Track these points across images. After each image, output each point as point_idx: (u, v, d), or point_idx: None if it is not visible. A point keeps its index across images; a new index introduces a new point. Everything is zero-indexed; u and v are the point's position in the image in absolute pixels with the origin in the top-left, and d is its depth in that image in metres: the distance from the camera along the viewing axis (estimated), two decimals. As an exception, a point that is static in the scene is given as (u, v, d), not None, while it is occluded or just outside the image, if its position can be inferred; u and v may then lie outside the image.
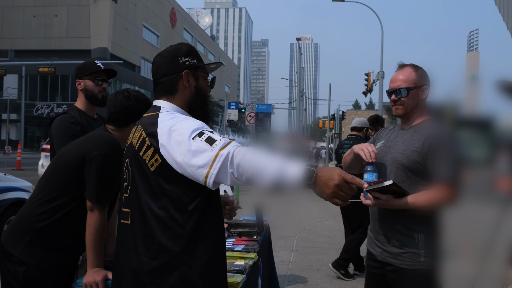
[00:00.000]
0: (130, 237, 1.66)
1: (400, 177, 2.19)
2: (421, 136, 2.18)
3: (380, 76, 25.27)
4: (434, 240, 2.18)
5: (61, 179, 2.12)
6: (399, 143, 2.27)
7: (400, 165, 2.20)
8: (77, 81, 2.80)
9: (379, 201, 2.13)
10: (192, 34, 67.38)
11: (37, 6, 43.81)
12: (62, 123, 2.68)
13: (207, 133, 1.57)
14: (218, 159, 1.50)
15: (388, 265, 2.23)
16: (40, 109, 42.98)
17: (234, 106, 25.32)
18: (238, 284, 2.11)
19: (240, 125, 61.91)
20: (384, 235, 2.25)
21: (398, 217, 2.17)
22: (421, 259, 2.15)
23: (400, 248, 2.18)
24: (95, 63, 2.82)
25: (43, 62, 33.11)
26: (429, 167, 2.13)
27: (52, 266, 2.06)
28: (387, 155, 2.28)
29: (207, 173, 1.51)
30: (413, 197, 2.10)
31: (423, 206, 2.09)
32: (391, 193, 2.11)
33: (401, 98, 2.26)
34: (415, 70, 2.28)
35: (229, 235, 3.11)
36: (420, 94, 2.26)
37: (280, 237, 7.01)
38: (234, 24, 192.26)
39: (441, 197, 2.08)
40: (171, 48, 1.83)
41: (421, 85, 2.26)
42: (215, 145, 1.52)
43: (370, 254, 2.38)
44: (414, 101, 2.26)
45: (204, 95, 1.84)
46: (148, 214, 1.62)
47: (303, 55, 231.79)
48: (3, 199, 5.43)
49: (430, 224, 2.18)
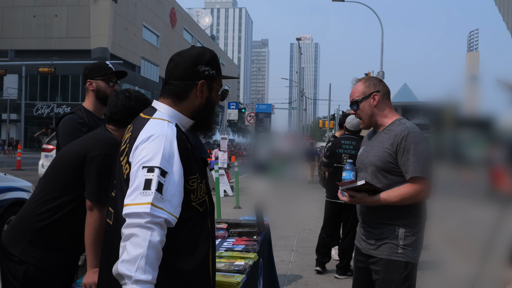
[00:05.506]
0: (113, 238, 1.64)
1: (377, 178, 2.33)
2: (390, 136, 2.31)
3: (380, 76, 25.29)
4: (414, 235, 2.30)
5: (61, 179, 2.12)
6: (374, 146, 2.39)
7: (375, 166, 2.34)
8: (87, 81, 2.79)
9: (354, 199, 2.30)
10: (192, 34, 67.37)
11: (37, 6, 43.78)
12: (69, 123, 2.68)
13: (156, 175, 1.49)
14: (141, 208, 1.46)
15: (370, 257, 2.37)
16: (40, 109, 42.97)
17: (234, 106, 25.31)
18: (238, 284, 2.12)
19: (240, 125, 61.95)
20: (368, 228, 2.40)
21: (381, 211, 2.31)
22: (398, 250, 2.27)
23: (381, 240, 2.31)
24: (107, 65, 2.82)
25: (43, 62, 33.14)
26: (400, 164, 2.25)
27: (52, 266, 2.06)
28: (367, 158, 2.41)
29: (127, 204, 1.50)
30: (385, 194, 2.25)
31: (395, 201, 2.23)
32: (366, 191, 2.27)
33: (356, 111, 2.42)
34: (364, 82, 2.43)
35: (229, 235, 3.11)
36: (372, 102, 2.38)
37: (280, 237, 7.00)
38: (234, 24, 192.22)
39: (411, 192, 2.22)
40: (195, 51, 1.74)
41: (369, 94, 2.38)
42: (147, 192, 1.48)
43: (357, 248, 2.51)
44: (368, 110, 2.40)
45: (213, 107, 1.79)
46: (122, 218, 1.58)
47: (303, 55, 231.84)
48: (3, 199, 5.43)
49: (411, 219, 2.31)
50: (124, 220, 1.51)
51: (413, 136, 2.24)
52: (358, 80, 2.48)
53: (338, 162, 5.05)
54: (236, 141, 61.99)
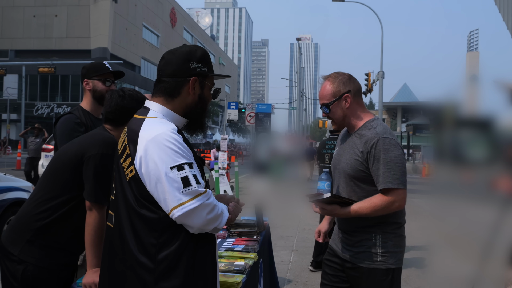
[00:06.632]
0: (113, 242, 1.64)
1: (350, 187, 2.23)
2: (361, 142, 2.19)
3: (380, 76, 25.27)
4: (392, 239, 2.22)
5: (60, 178, 2.12)
6: (346, 151, 2.28)
7: (347, 175, 2.24)
8: (84, 81, 2.79)
9: (324, 211, 2.20)
10: (192, 34, 67.37)
11: (37, 6, 43.78)
12: (66, 123, 2.68)
13: (187, 170, 1.56)
14: (193, 202, 1.54)
15: (347, 262, 2.29)
16: (40, 109, 42.97)
17: (234, 106, 25.27)
18: (238, 284, 2.11)
19: (240, 125, 61.92)
20: (346, 234, 2.31)
21: (358, 219, 2.20)
22: (378, 258, 2.19)
23: (359, 247, 2.23)
24: (104, 64, 2.81)
25: (43, 62, 33.13)
26: (371, 173, 2.15)
27: (51, 265, 2.06)
28: (339, 164, 2.31)
29: (177, 205, 1.53)
30: (357, 206, 2.14)
31: (367, 213, 2.12)
32: (337, 203, 2.16)
33: (328, 114, 2.28)
34: (332, 82, 2.25)
35: (229, 235, 3.11)
36: (343, 104, 2.24)
37: (280, 237, 7.00)
38: (234, 24, 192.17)
39: (383, 203, 2.09)
40: (186, 49, 1.75)
41: (340, 96, 2.23)
42: (190, 188, 1.54)
43: (332, 250, 2.43)
44: (340, 112, 2.26)
45: (206, 104, 1.79)
46: (124, 222, 1.59)
47: (303, 55, 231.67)
48: (3, 199, 5.44)
49: (389, 225, 2.21)
50: (124, 220, 1.54)
51: (383, 143, 2.11)
52: (326, 78, 2.29)
53: (322, 162, 5.26)
54: (236, 141, 61.95)
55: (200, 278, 1.63)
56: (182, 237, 1.58)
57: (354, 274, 2.26)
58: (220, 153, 12.54)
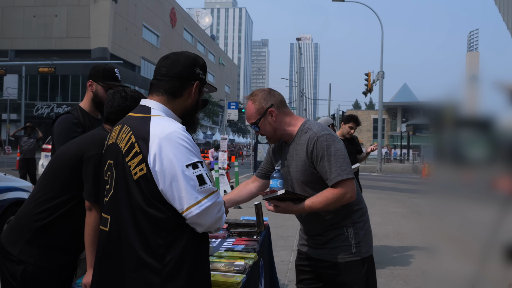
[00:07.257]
0: (109, 245, 1.62)
1: (307, 193, 2.25)
2: (303, 146, 2.24)
3: (380, 76, 25.28)
4: (362, 228, 2.28)
5: (59, 178, 2.12)
6: (292, 161, 2.31)
7: (300, 182, 2.28)
8: (89, 81, 2.77)
9: (278, 208, 2.21)
10: (192, 34, 67.37)
11: (37, 6, 43.78)
12: (64, 123, 2.67)
13: (201, 168, 1.58)
14: (207, 201, 1.56)
15: (321, 261, 2.31)
16: (40, 109, 42.95)
17: (234, 106, 25.25)
18: (238, 284, 2.11)
19: (240, 125, 61.97)
20: (316, 234, 2.34)
21: (326, 215, 2.26)
22: (352, 250, 2.24)
23: (332, 243, 2.27)
24: (114, 73, 2.79)
25: (43, 62, 33.10)
26: (319, 171, 2.19)
27: (50, 265, 2.06)
28: (289, 174, 2.33)
29: (195, 203, 1.54)
30: (309, 201, 2.18)
31: (321, 207, 2.16)
32: (291, 200, 2.19)
33: (260, 132, 2.32)
34: (254, 101, 2.29)
35: (229, 235, 3.11)
36: (270, 119, 2.28)
37: (280, 237, 7.00)
38: (234, 24, 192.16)
39: (335, 196, 2.15)
40: (191, 54, 1.79)
41: (265, 112, 2.27)
42: (205, 186, 1.57)
43: (302, 253, 2.45)
44: (269, 128, 2.30)
45: (198, 110, 1.82)
46: (126, 223, 1.57)
47: (303, 55, 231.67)
48: (3, 199, 5.44)
49: (356, 214, 2.28)
50: (127, 222, 1.56)
51: (323, 140, 2.18)
52: (248, 98, 2.34)
53: None
54: (236, 141, 61.94)
55: (202, 279, 1.63)
56: (186, 238, 1.58)
57: (331, 272, 2.28)
58: (220, 153, 12.53)
